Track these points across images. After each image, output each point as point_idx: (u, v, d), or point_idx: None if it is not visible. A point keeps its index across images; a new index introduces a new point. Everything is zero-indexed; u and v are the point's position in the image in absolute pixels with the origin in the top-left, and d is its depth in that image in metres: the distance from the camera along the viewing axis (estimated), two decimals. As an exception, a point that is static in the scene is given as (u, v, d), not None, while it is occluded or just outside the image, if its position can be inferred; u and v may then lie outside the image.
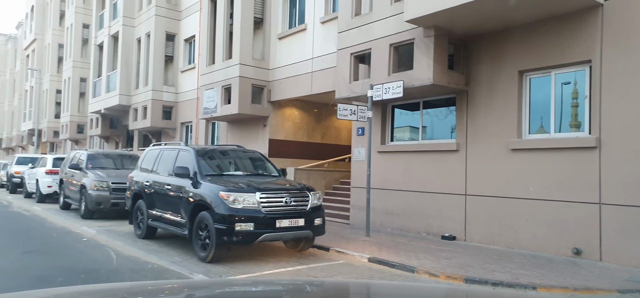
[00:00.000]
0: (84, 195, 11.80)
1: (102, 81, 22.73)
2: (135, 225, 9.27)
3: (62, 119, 30.06)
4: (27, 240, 8.82)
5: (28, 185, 17.54)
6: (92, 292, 2.00)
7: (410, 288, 2.65)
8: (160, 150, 9.32)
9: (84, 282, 5.76)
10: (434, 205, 9.41)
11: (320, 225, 7.62)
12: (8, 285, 5.49)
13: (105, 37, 22.54)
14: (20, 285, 5.47)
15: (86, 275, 6.09)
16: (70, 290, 2.08)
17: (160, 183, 8.61)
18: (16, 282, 5.70)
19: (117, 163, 13.64)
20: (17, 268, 6.39)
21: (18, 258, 7.03)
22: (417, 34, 8.57)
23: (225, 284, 3.02)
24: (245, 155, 9.36)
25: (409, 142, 10.29)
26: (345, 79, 10.24)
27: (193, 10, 18.46)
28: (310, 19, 12.92)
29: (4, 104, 47.68)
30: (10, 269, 6.39)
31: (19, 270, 6.26)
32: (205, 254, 7.03)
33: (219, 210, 6.90)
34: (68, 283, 5.67)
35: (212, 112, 15.24)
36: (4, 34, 48.86)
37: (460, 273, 6.30)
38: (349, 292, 2.12)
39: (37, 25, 35.21)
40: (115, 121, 24.17)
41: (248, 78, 14.07)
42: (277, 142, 14.61)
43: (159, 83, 19.15)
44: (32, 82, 35.47)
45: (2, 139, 48.33)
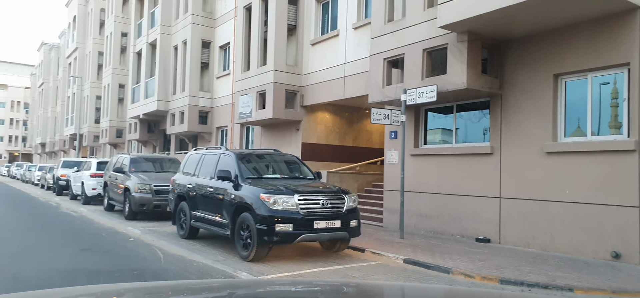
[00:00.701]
0: (127, 197, 12.40)
1: (140, 87, 23.64)
2: (178, 226, 9.73)
3: (101, 124, 31.35)
4: (79, 239, 9.40)
5: (74, 188, 18.43)
6: (137, 290, 2.05)
7: (437, 290, 2.72)
8: (202, 155, 9.75)
9: (137, 278, 6.19)
10: (468, 208, 9.48)
11: (356, 226, 7.86)
12: (70, 279, 5.96)
13: (144, 45, 23.45)
14: (81, 280, 5.93)
15: (139, 272, 6.52)
16: (112, 287, 2.13)
17: (202, 186, 9.02)
18: (77, 276, 6.17)
19: (157, 166, 14.25)
20: (77, 263, 6.91)
21: (75, 255, 7.57)
22: (450, 39, 8.71)
23: (266, 284, 3.17)
24: (282, 158, 9.70)
25: (442, 145, 10.40)
26: (379, 84, 10.45)
27: (228, 17, 19.02)
28: (342, 25, 13.19)
29: (47, 109, 49.93)
30: (71, 264, 6.90)
31: (79, 266, 6.76)
32: (247, 253, 7.37)
33: (259, 211, 7.23)
34: (123, 278, 6.11)
35: (247, 116, 15.69)
36: (47, 43, 51.20)
37: (495, 274, 6.41)
38: (383, 294, 2.14)
39: (78, 34, 36.83)
40: (153, 126, 25.06)
41: (282, 83, 14.45)
42: (309, 146, 14.93)
43: (195, 89, 19.80)
44: (73, 89, 37.10)
45: (45, 143, 50.60)
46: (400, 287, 3.38)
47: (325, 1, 14.17)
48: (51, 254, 7.81)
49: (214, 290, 2.14)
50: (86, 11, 36.31)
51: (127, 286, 2.25)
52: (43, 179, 27.37)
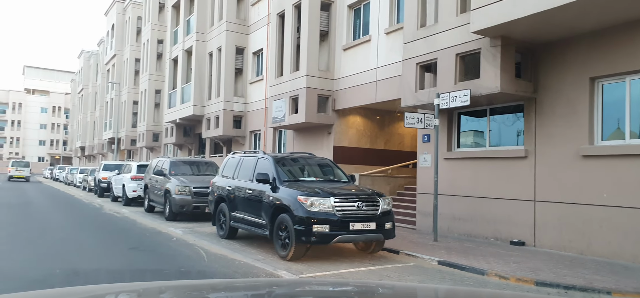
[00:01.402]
0: (168, 199, 12.94)
1: (177, 93, 24.45)
2: (218, 226, 10.14)
3: (138, 128, 32.49)
4: (126, 238, 9.94)
5: (115, 190, 19.25)
6: (179, 288, 2.07)
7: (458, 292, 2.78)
8: (240, 158, 10.14)
9: (185, 276, 6.57)
10: (502, 211, 9.52)
11: (391, 229, 8.05)
12: (125, 275, 6.40)
13: (180, 52, 24.25)
14: (135, 276, 6.36)
15: (186, 270, 6.91)
16: (153, 285, 2.16)
17: (241, 188, 9.40)
18: (130, 273, 6.60)
19: (194, 169, 14.79)
20: (128, 261, 7.37)
21: (125, 253, 8.06)
22: (484, 43, 8.80)
23: (304, 283, 3.30)
24: (316, 161, 9.98)
25: (475, 149, 10.46)
26: (411, 88, 10.60)
27: (261, 24, 19.51)
28: (374, 30, 13.39)
29: (86, 114, 52.01)
30: (123, 262, 7.38)
31: (130, 263, 7.22)
32: (285, 253, 7.67)
33: (297, 212, 7.52)
34: (172, 276, 6.50)
35: (281, 121, 16.07)
36: (87, 51, 53.37)
37: (530, 277, 6.48)
38: (417, 296, 2.18)
39: (116, 42, 38.29)
40: (188, 129, 25.85)
41: (314, 88, 14.77)
42: (341, 149, 15.17)
43: (230, 94, 20.37)
44: (112, 95, 38.59)
45: (85, 146, 52.70)
46: (434, 289, 3.36)
47: (357, 7, 14.40)
48: (103, 252, 8.33)
49: (253, 289, 2.19)
50: (124, 19, 37.71)
51: (169, 284, 2.29)
52: (85, 181, 28.59)
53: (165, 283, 2.35)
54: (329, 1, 14.95)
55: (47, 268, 6.64)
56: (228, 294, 2.01)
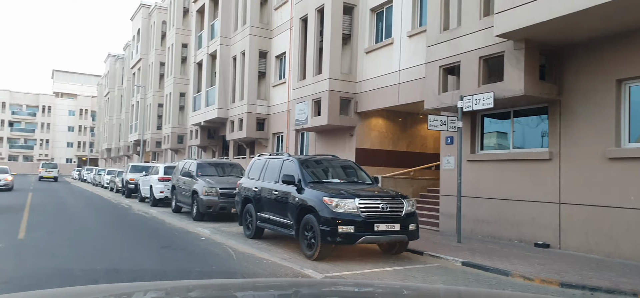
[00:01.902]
0: (195, 199, 13.31)
1: (201, 96, 24.96)
2: (245, 226, 10.42)
3: (164, 131, 33.22)
4: (157, 237, 10.31)
5: (142, 191, 19.80)
6: (207, 287, 2.10)
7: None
8: (266, 160, 10.41)
9: (216, 273, 6.84)
10: (526, 213, 9.53)
11: (415, 230, 8.18)
12: (162, 272, 6.71)
13: (204, 56, 24.77)
14: (171, 273, 6.65)
15: (217, 267, 7.18)
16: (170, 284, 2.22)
17: (267, 190, 9.66)
18: (166, 269, 6.91)
19: (220, 171, 15.15)
20: (162, 259, 7.70)
21: (158, 251, 8.40)
22: (507, 46, 8.85)
23: (330, 284, 3.34)
24: (340, 163, 10.19)
25: (499, 151, 10.48)
26: (434, 91, 10.69)
27: (283, 28, 19.81)
28: (397, 33, 13.51)
29: (112, 117, 53.33)
30: (157, 259, 7.71)
31: (164, 261, 7.54)
32: (311, 252, 7.88)
33: (323, 213, 7.72)
34: (204, 273, 6.78)
35: (303, 123, 16.31)
36: (113, 55, 54.75)
37: (555, 278, 6.53)
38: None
39: (142, 46, 39.23)
40: (212, 132, 26.35)
41: (336, 91, 14.95)
42: (363, 151, 15.30)
43: (253, 97, 20.73)
44: (137, 98, 39.53)
45: (111, 148, 54.04)
46: (457, 291, 3.41)
47: (380, 10, 14.54)
48: (138, 250, 8.69)
49: (280, 288, 2.21)
50: (149, 24, 38.61)
51: (197, 283, 2.31)
52: (112, 182, 29.40)
53: (193, 282, 2.39)
54: (352, 5, 15.12)
55: (88, 264, 7.01)
56: (255, 293, 2.04)
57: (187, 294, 1.90)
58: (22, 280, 5.98)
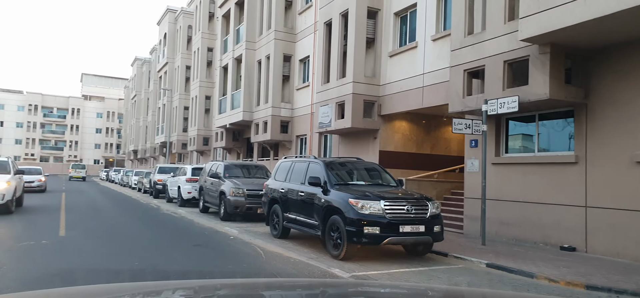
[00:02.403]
0: (223, 200, 13.68)
1: (227, 99, 25.49)
2: (272, 226, 10.71)
3: (189, 133, 33.96)
4: (188, 236, 10.69)
5: (170, 191, 20.35)
6: (234, 285, 2.11)
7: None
8: (292, 162, 10.68)
9: (246, 271, 7.12)
10: (552, 216, 9.54)
11: (439, 232, 8.32)
12: (197, 269, 7.04)
13: (230, 60, 25.30)
14: (206, 270, 6.97)
15: (247, 265, 7.47)
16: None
17: (294, 191, 9.93)
18: (200, 267, 7.24)
19: (246, 172, 15.52)
20: (195, 256, 8.05)
21: (190, 250, 8.77)
22: (532, 50, 8.90)
23: (356, 284, 3.37)
24: (364, 166, 10.39)
25: (524, 154, 10.51)
26: (459, 94, 10.79)
27: (307, 32, 20.12)
28: (421, 36, 13.63)
29: (139, 119, 54.67)
30: (191, 257, 8.06)
31: (197, 258, 7.89)
32: (337, 252, 8.10)
33: (349, 214, 7.94)
34: (236, 270, 7.07)
35: (327, 126, 16.55)
36: (140, 59, 56.13)
37: (581, 280, 6.59)
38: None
39: (168, 50, 40.16)
40: (237, 134, 26.86)
41: (360, 94, 15.14)
42: (387, 153, 15.44)
43: (278, 100, 21.10)
44: (164, 100, 40.46)
45: (137, 150, 55.39)
46: (482, 293, 3.42)
47: (404, 14, 14.68)
48: (171, 248, 9.06)
49: (308, 288, 2.22)
50: (175, 29, 39.51)
51: (226, 282, 2.36)
52: (140, 183, 30.21)
53: (221, 281, 2.46)
54: (376, 9, 15.30)
55: (126, 261, 7.40)
56: (283, 293, 2.07)
57: (215, 292, 1.92)
58: (70, 273, 6.39)
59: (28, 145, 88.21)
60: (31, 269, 6.58)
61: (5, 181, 12.77)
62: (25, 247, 8.06)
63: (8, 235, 9.37)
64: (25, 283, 5.69)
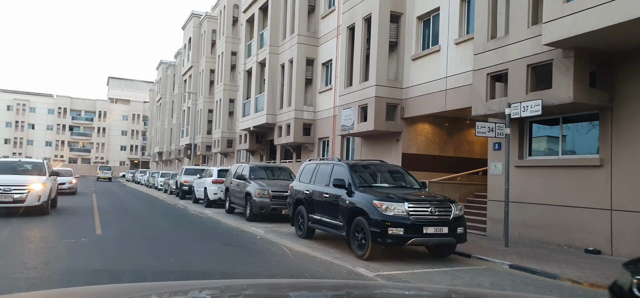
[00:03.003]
0: (249, 201, 14.05)
1: (251, 102, 25.97)
2: (297, 227, 11.01)
3: (214, 135, 34.63)
4: (216, 235, 11.07)
5: (196, 192, 20.89)
6: (259, 286, 2.11)
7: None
8: (317, 165, 10.95)
9: (275, 269, 7.41)
10: (576, 219, 9.56)
11: (462, 233, 8.47)
12: (226, 266, 7.37)
13: (254, 64, 25.78)
14: (238, 267, 7.30)
15: (276, 263, 7.77)
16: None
17: (318, 193, 10.20)
18: (233, 264, 7.57)
19: (270, 174, 15.87)
20: (225, 254, 8.40)
21: (221, 248, 9.12)
22: (556, 54, 8.97)
23: (381, 286, 3.42)
24: (387, 168, 10.59)
25: (548, 157, 10.54)
26: (482, 98, 10.89)
27: (330, 37, 20.40)
28: (444, 40, 13.75)
29: (164, 122, 55.87)
30: (222, 255, 8.42)
31: (228, 257, 8.23)
32: (362, 252, 8.33)
33: (373, 216, 8.16)
34: (266, 268, 7.36)
35: (349, 129, 16.78)
36: (165, 62, 57.38)
37: (604, 282, 6.66)
38: None
39: (193, 54, 41.03)
40: (260, 136, 27.32)
41: (383, 97, 15.33)
42: (409, 156, 15.58)
43: (300, 103, 21.43)
44: (188, 103, 41.34)
45: (162, 152, 56.61)
46: (504, 296, 3.37)
47: (427, 18, 14.82)
48: (202, 246, 9.45)
49: (333, 289, 2.22)
50: (200, 33, 40.34)
51: (251, 282, 2.40)
52: (166, 184, 30.93)
53: (247, 281, 2.57)
54: (399, 13, 15.47)
55: (161, 258, 7.79)
56: (308, 293, 2.08)
57: (241, 292, 1.93)
58: (111, 267, 6.81)
59: (57, 147, 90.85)
60: (76, 264, 7.01)
61: (41, 183, 12.84)
62: (67, 244, 8.54)
63: (49, 234, 9.90)
64: (73, 277, 6.11)
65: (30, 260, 6.98)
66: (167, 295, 1.78)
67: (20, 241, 8.67)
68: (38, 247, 8.12)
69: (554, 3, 8.35)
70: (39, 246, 8.25)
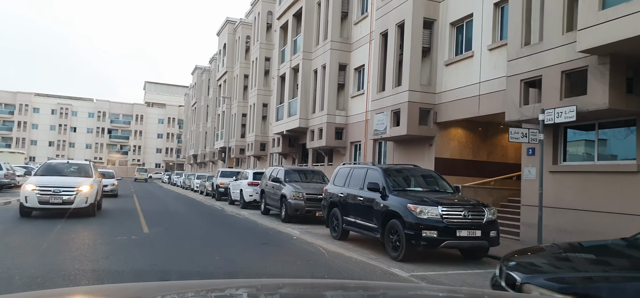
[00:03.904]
0: (284, 203, 14.54)
1: (284, 107, 26.57)
2: (331, 228, 11.38)
3: (247, 139, 35.47)
4: (255, 235, 11.58)
5: (232, 194, 21.58)
6: (296, 285, 2.13)
7: None
8: (351, 169, 11.31)
9: (313, 269, 7.80)
10: (612, 225, 9.54)
11: (495, 237, 8.64)
12: (268, 263, 7.82)
13: (287, 69, 26.38)
14: (281, 265, 7.73)
15: (313, 263, 8.16)
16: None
17: (352, 196, 10.55)
18: (275, 262, 8.01)
19: (303, 177, 16.32)
20: (265, 253, 8.87)
21: (260, 247, 9.60)
22: (591, 61, 9.02)
23: (416, 288, 3.41)
24: (420, 172, 10.84)
25: (583, 163, 10.54)
26: (515, 103, 10.99)
27: (363, 42, 20.73)
28: (477, 46, 13.86)
29: (199, 125, 57.40)
30: (262, 253, 8.89)
31: (267, 255, 8.69)
32: (396, 254, 8.62)
33: (407, 219, 8.44)
34: (304, 267, 7.76)
35: (382, 133, 17.04)
36: (200, 67, 58.97)
37: (639, 288, 6.72)
38: None
39: (227, 59, 42.11)
40: (293, 140, 27.87)
41: (416, 102, 15.53)
42: (443, 160, 15.71)
43: (333, 108, 21.84)
44: (223, 108, 42.42)
45: (197, 154, 58.15)
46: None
47: (460, 24, 14.95)
48: (243, 245, 9.96)
49: (369, 290, 2.24)
50: (234, 39, 41.38)
51: (288, 281, 2.39)
52: (202, 186, 31.96)
53: (284, 281, 2.62)
54: (432, 19, 15.65)
55: (207, 254, 8.32)
56: (345, 293, 2.08)
57: (277, 291, 1.94)
58: (165, 263, 7.37)
59: (96, 149, 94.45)
60: (133, 257, 7.62)
61: (88, 184, 12.93)
62: (120, 241, 9.21)
63: (101, 232, 10.62)
64: (133, 270, 6.68)
65: (91, 255, 7.63)
66: (204, 292, 1.78)
67: (76, 238, 9.37)
68: (95, 243, 8.81)
69: (589, 11, 8.44)
70: (96, 242, 8.94)
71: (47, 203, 12.25)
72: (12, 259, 7.02)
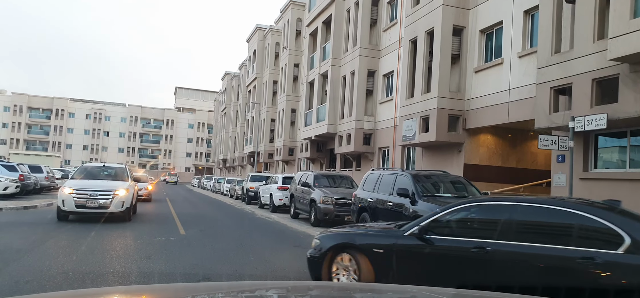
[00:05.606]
0: (313, 207, 14.87)
1: (312, 113, 27.00)
2: (361, 233, 11.62)
3: (276, 144, 36.07)
4: (286, 237, 11.95)
5: (262, 198, 22.07)
6: (324, 287, 2.19)
7: None
8: (380, 174, 11.55)
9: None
10: (645, 234, 9.46)
11: (525, 243, 8.72)
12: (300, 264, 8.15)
13: (316, 76, 26.80)
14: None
15: (344, 264, 8.44)
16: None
17: (382, 201, 10.78)
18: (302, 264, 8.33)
19: (331, 182, 16.61)
20: (297, 255, 9.20)
21: (292, 249, 9.96)
22: (622, 69, 9.02)
23: (423, 290, 3.41)
24: (449, 179, 10.98)
25: (614, 170, 10.48)
26: (545, 111, 11.02)
27: (391, 49, 20.94)
28: (507, 53, 13.90)
29: (228, 130, 58.53)
30: (295, 255, 9.24)
31: (300, 257, 9.01)
32: (425, 259, 8.81)
33: (436, 224, 8.62)
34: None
35: (411, 139, 17.20)
36: (229, 73, 60.19)
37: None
38: None
39: (257, 66, 42.92)
40: (321, 145, 28.25)
41: (445, 109, 15.65)
42: (472, 167, 15.75)
43: (361, 114, 22.10)
44: (252, 113, 43.22)
45: (226, 159, 59.28)
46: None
47: (489, 31, 15.01)
48: (275, 247, 10.33)
49: (399, 293, 2.31)
50: (264, 45, 42.17)
51: (318, 284, 2.47)
52: (232, 190, 32.65)
53: (314, 283, 2.69)
54: (461, 27, 15.75)
55: (242, 255, 8.73)
56: (374, 296, 2.14)
57: (307, 293, 1.96)
58: (204, 262, 7.81)
59: (128, 153, 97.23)
60: (173, 257, 8.10)
61: (124, 188, 12.77)
62: (159, 242, 9.72)
63: (140, 234, 11.16)
64: (177, 268, 7.14)
65: (134, 255, 8.15)
66: (235, 293, 1.78)
67: (116, 240, 9.86)
68: (137, 244, 9.34)
69: (620, 19, 8.47)
70: (137, 243, 9.48)
71: (84, 207, 12.19)
72: (59, 259, 7.56)
